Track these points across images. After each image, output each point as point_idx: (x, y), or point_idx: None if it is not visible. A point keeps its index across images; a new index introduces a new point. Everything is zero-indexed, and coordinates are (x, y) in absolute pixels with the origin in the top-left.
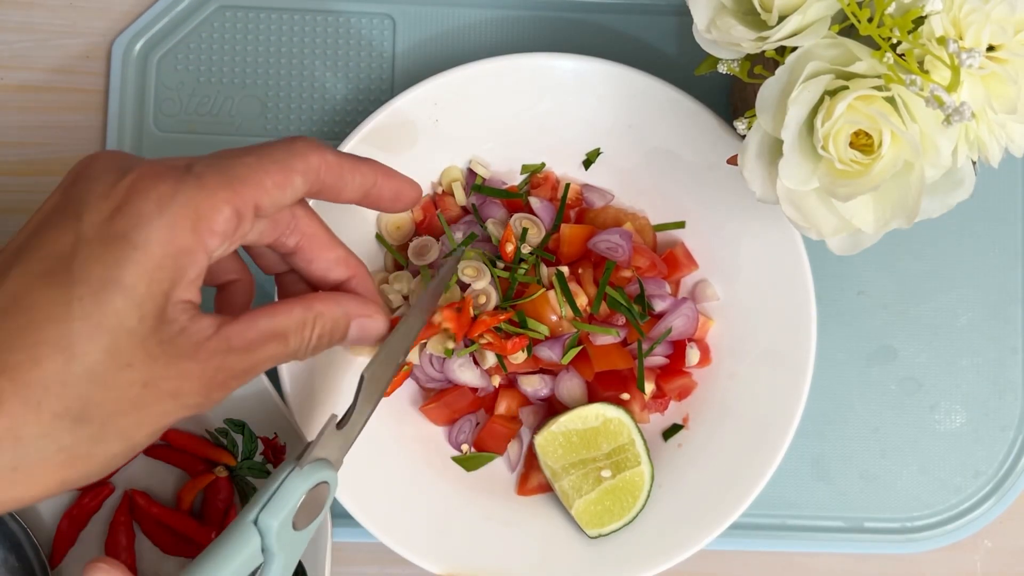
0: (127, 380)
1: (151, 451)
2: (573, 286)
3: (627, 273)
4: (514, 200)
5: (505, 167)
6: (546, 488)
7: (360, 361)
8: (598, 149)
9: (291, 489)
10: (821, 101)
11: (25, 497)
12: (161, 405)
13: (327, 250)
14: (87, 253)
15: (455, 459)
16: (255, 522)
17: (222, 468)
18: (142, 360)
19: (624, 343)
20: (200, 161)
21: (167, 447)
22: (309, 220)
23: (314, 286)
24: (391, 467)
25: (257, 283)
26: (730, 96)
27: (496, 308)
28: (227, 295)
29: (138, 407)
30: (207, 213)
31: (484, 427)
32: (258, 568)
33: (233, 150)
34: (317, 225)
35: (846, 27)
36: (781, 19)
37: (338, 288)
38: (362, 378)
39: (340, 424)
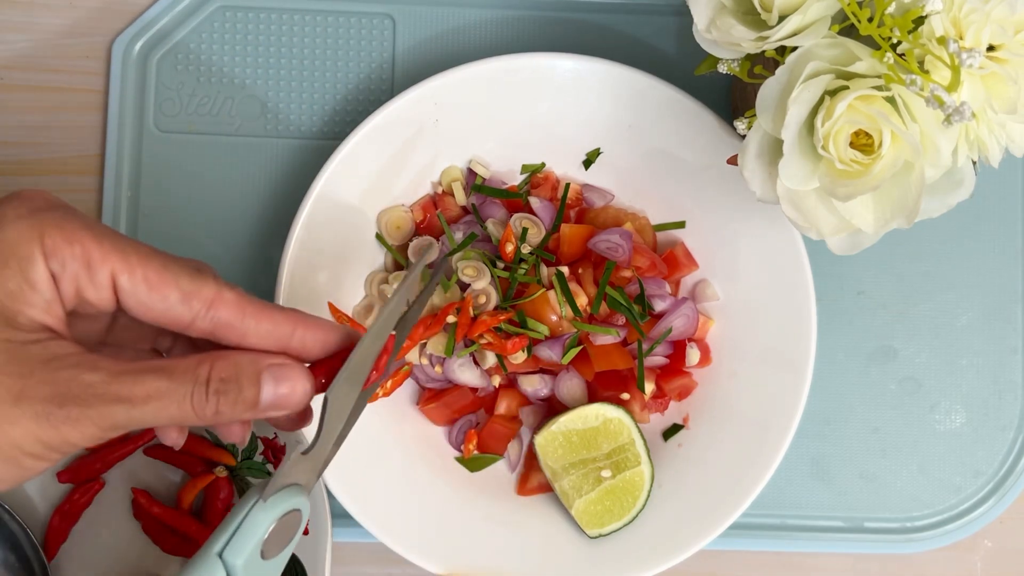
0: None
1: (151, 451)
2: (573, 286)
3: (627, 273)
4: (514, 200)
5: (505, 167)
6: (546, 488)
7: None
8: (598, 149)
9: (256, 522)
10: (821, 101)
11: None
12: (3, 406)
13: (254, 326)
14: None
15: (458, 459)
16: (220, 556)
17: (222, 468)
18: None
19: (624, 343)
20: (96, 221)
21: (167, 447)
22: (223, 304)
23: None
24: (391, 467)
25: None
26: (730, 96)
27: (496, 308)
28: None
29: None
30: (57, 238)
31: (484, 427)
32: None
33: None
34: (234, 303)
35: (846, 27)
36: (781, 19)
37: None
38: (326, 400)
39: (306, 451)
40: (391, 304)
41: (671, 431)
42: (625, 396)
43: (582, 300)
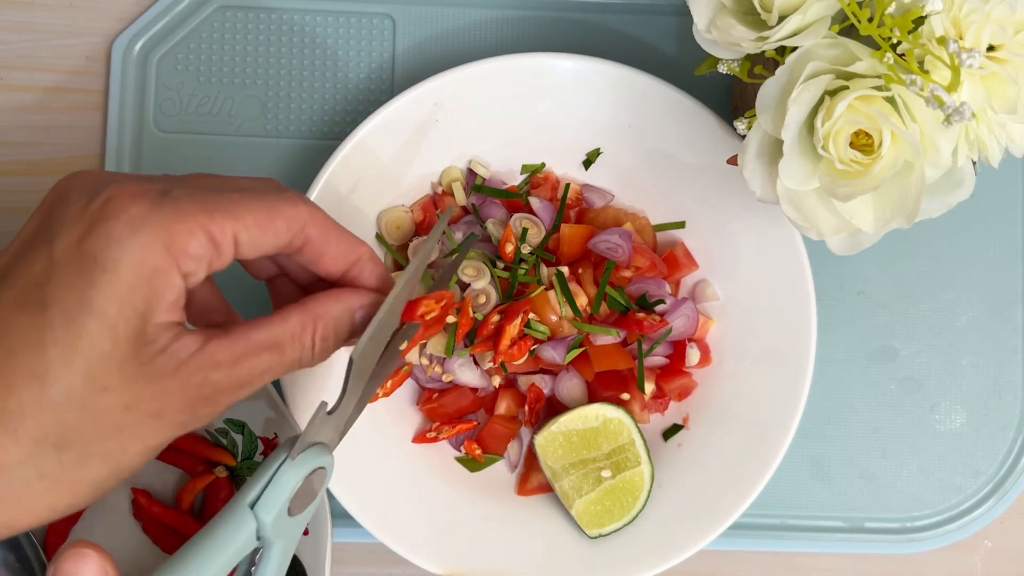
0: (106, 404)
1: None
2: (573, 286)
3: (627, 273)
4: (514, 200)
5: (505, 167)
6: (546, 488)
7: None
8: (598, 149)
9: (286, 479)
10: (821, 101)
11: (12, 524)
12: (145, 426)
13: (334, 244)
14: (59, 278)
15: (458, 459)
16: (251, 508)
17: (222, 468)
18: (120, 382)
19: (624, 343)
20: (180, 184)
21: (167, 447)
22: (314, 224)
23: (315, 284)
24: (391, 467)
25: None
26: (730, 96)
27: (496, 307)
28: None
29: (121, 430)
30: (181, 236)
31: (484, 427)
32: (255, 552)
33: (222, 179)
34: (321, 223)
35: (846, 27)
36: (781, 19)
37: (343, 277)
38: (350, 360)
39: (331, 410)
40: (414, 265)
41: (671, 431)
42: (625, 396)
43: (582, 300)
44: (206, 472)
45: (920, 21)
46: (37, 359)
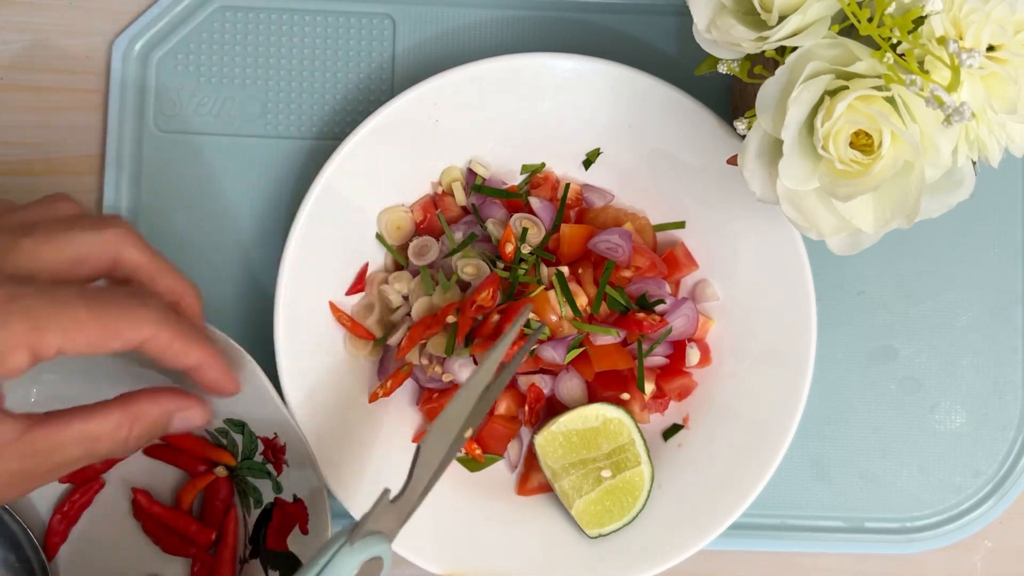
0: None
1: (151, 451)
2: (573, 286)
3: (627, 273)
4: (514, 200)
5: (505, 167)
6: (546, 488)
7: (361, 361)
8: (598, 149)
9: (341, 565)
10: (821, 101)
11: None
12: None
13: (180, 357)
14: None
15: (458, 459)
16: None
17: (222, 468)
18: None
19: (624, 343)
20: (22, 286)
21: (166, 447)
22: (158, 339)
23: None
24: (391, 467)
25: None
26: (730, 96)
27: (497, 307)
28: None
29: None
30: (2, 353)
31: (484, 427)
32: None
33: (79, 263)
34: (166, 337)
35: (846, 27)
36: (781, 19)
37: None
38: (418, 449)
39: (394, 499)
40: (488, 362)
41: (671, 431)
42: (625, 396)
43: (582, 300)
44: (207, 472)
45: (920, 21)
46: None
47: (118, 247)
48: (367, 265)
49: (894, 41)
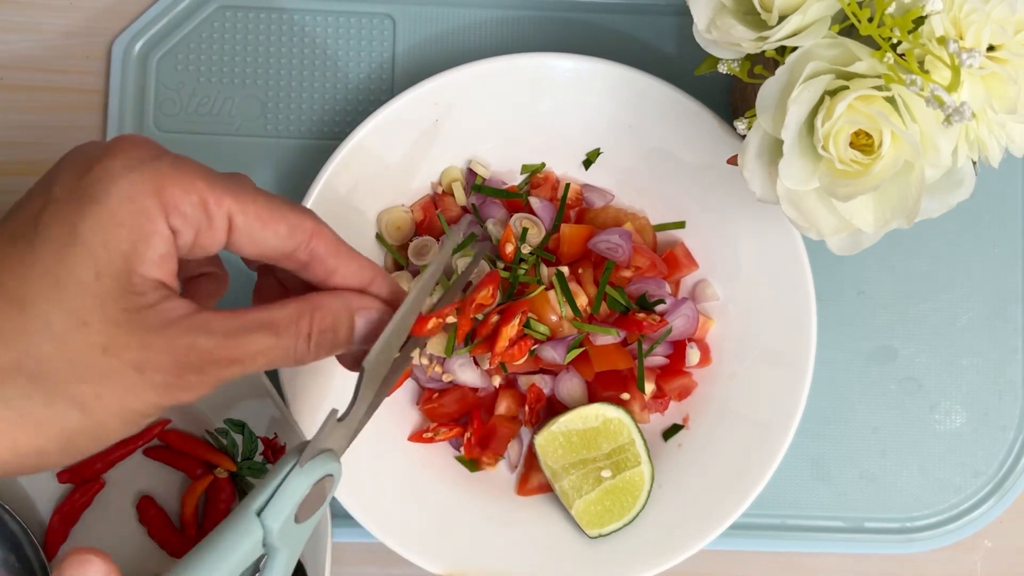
0: (84, 341)
1: (150, 453)
2: (573, 286)
3: (627, 273)
4: (514, 200)
5: (505, 167)
6: (546, 488)
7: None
8: (598, 149)
9: (295, 485)
10: (821, 101)
11: None
12: (123, 377)
13: (344, 263)
14: (53, 211)
15: (458, 459)
16: (258, 515)
17: (222, 469)
18: (100, 321)
19: (624, 343)
20: (190, 160)
21: (167, 449)
22: (321, 238)
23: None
24: (391, 467)
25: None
26: (730, 96)
27: (497, 307)
28: (195, 286)
29: (96, 374)
30: (175, 190)
31: (484, 427)
32: (260, 559)
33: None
34: (331, 240)
35: (846, 27)
36: (781, 19)
37: None
38: (362, 369)
39: (341, 417)
40: (426, 276)
41: (671, 431)
42: (625, 396)
43: (582, 300)
44: (205, 474)
45: (920, 21)
46: (19, 286)
47: (313, 231)
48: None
49: (894, 41)
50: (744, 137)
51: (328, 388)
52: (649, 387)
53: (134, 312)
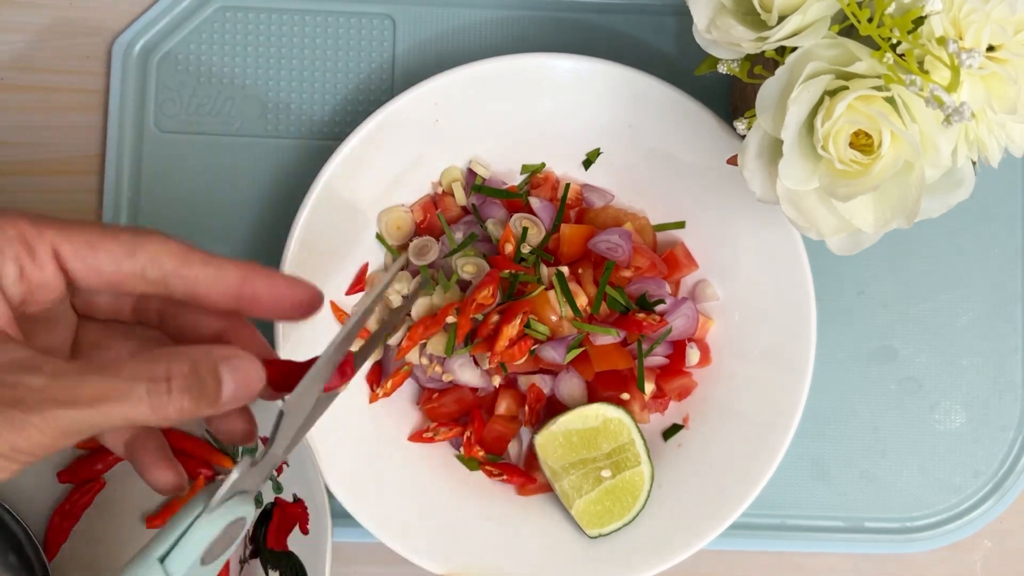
0: None
1: None
2: (573, 286)
3: (627, 273)
4: (514, 200)
5: (505, 167)
6: (546, 488)
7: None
8: (598, 149)
9: (201, 532)
10: (821, 101)
11: None
12: None
13: (200, 270)
14: None
15: (458, 458)
16: (161, 562)
17: (223, 473)
18: None
19: (624, 343)
20: (31, 211)
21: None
22: (169, 254)
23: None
24: (391, 467)
25: None
26: (730, 96)
27: (497, 307)
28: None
29: None
30: None
31: (484, 427)
32: None
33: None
34: (177, 251)
35: (846, 27)
36: (781, 19)
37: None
38: (280, 413)
39: (255, 461)
40: (351, 323)
41: (671, 431)
42: (625, 396)
43: (582, 300)
44: (205, 475)
45: (920, 21)
46: None
47: (158, 248)
48: (367, 265)
49: (894, 41)
50: (744, 137)
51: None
52: (649, 387)
53: None
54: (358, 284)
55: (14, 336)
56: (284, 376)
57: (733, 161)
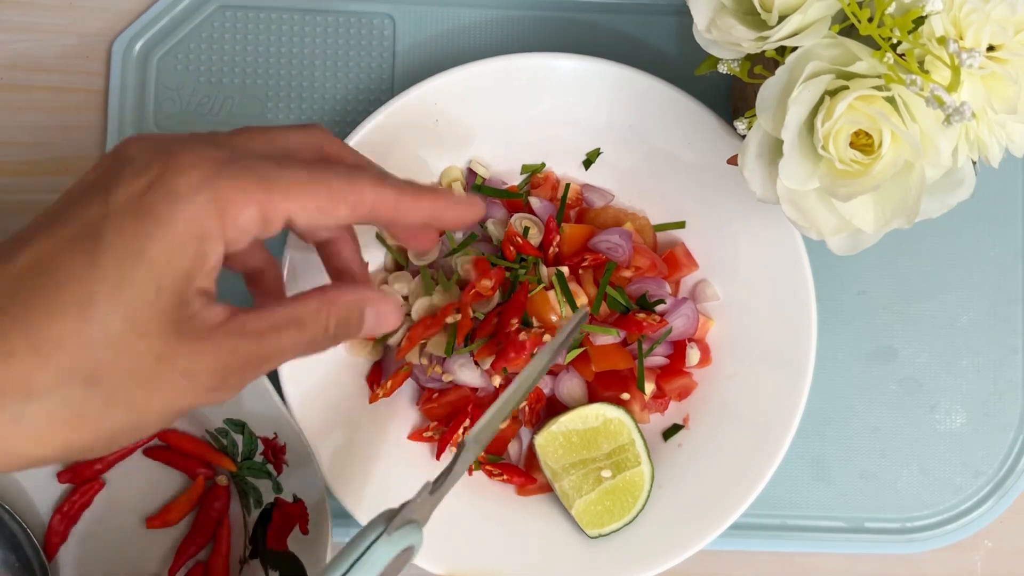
0: (141, 349)
1: (150, 453)
2: (573, 286)
3: (627, 273)
4: (514, 200)
5: (505, 167)
6: (546, 488)
7: (359, 362)
8: (598, 149)
9: (379, 555)
10: (821, 101)
11: (25, 452)
12: (174, 383)
13: (408, 211)
14: (115, 223)
15: None
16: None
17: (224, 477)
18: (157, 332)
19: (624, 343)
20: (246, 156)
21: (167, 449)
22: (383, 205)
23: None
24: (391, 467)
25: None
26: (730, 96)
27: (497, 307)
28: (257, 283)
29: (150, 380)
30: (235, 206)
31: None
32: None
33: (269, 137)
34: (389, 200)
35: (846, 27)
36: (781, 19)
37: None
38: (462, 443)
39: (434, 490)
40: (538, 364)
41: (671, 431)
42: (625, 396)
43: (582, 300)
44: (205, 475)
45: (920, 21)
46: (83, 294)
47: (321, 142)
48: (367, 265)
49: (894, 41)
50: (744, 137)
51: (326, 385)
52: (649, 387)
53: (184, 322)
54: None
55: (215, 294)
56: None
57: (733, 161)
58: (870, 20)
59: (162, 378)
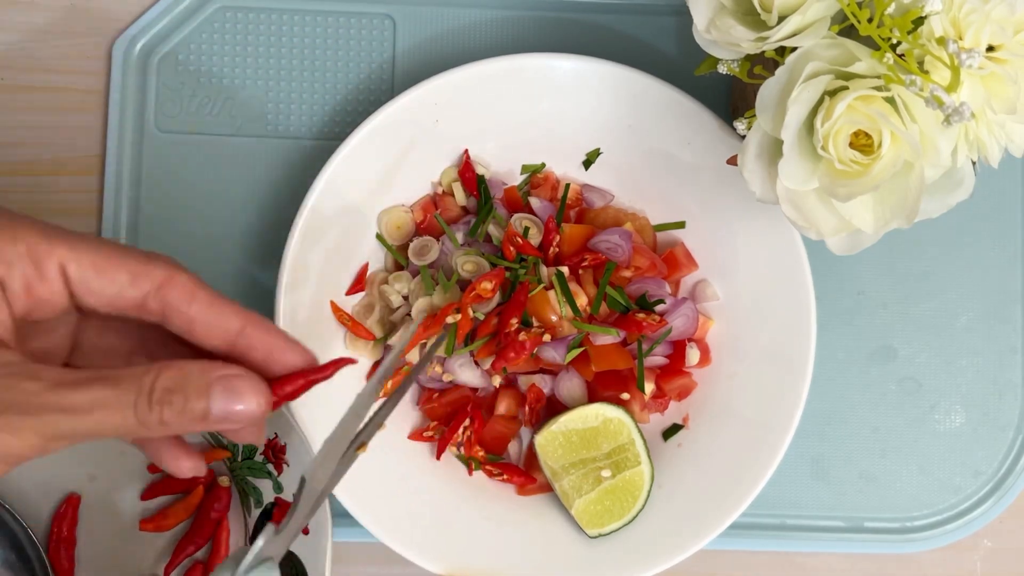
0: None
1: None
2: (573, 286)
3: (627, 273)
4: (514, 200)
5: (505, 167)
6: (546, 488)
7: (361, 361)
8: (598, 149)
9: None
10: (821, 101)
11: None
12: None
13: (204, 312)
14: None
15: (458, 457)
16: None
17: (225, 478)
18: None
19: (624, 343)
20: (40, 221)
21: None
22: (174, 286)
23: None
24: (391, 467)
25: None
26: (730, 96)
27: (497, 307)
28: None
29: None
30: (2, 241)
31: (484, 427)
32: None
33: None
34: (187, 287)
35: (846, 27)
36: (781, 19)
37: (229, 354)
38: (302, 480)
39: (280, 529)
40: (373, 381)
41: (671, 431)
42: (625, 396)
43: (582, 300)
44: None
45: (920, 21)
46: None
47: (163, 280)
48: (367, 265)
49: (894, 41)
50: (744, 137)
51: (326, 385)
52: (649, 387)
53: None
54: (358, 284)
55: (12, 345)
56: (291, 388)
57: (733, 161)
58: (869, 20)
59: None
